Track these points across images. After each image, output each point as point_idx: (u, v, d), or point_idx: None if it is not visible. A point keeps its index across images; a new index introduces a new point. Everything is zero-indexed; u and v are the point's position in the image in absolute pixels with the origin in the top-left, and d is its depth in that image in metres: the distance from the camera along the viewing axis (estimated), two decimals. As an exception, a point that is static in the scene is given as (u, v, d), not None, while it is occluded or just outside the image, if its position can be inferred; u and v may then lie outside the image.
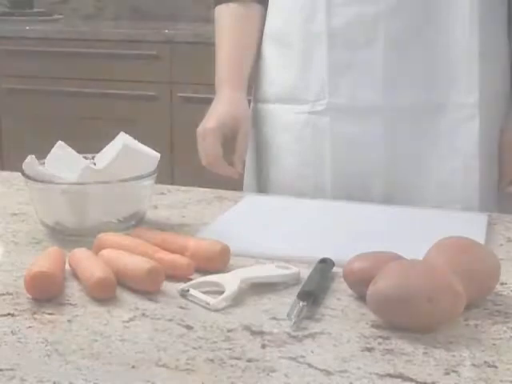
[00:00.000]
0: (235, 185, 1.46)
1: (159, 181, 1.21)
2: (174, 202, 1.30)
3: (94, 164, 1.17)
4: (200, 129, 1.38)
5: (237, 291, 0.91)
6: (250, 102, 1.47)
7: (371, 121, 1.35)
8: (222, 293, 0.91)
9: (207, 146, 1.36)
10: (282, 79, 1.43)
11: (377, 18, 1.32)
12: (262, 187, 1.46)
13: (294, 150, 1.41)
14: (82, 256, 0.97)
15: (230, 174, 1.38)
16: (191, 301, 0.91)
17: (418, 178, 1.36)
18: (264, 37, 1.46)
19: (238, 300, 0.91)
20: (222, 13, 1.49)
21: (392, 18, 1.31)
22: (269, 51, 1.45)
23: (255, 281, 0.95)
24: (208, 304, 0.89)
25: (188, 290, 0.92)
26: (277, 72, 1.44)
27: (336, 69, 1.36)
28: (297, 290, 0.91)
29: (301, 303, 0.87)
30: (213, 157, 1.36)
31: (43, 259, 0.94)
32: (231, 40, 1.46)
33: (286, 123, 1.43)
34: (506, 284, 0.96)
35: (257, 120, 1.47)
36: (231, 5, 1.47)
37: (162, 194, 1.34)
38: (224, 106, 1.39)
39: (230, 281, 0.93)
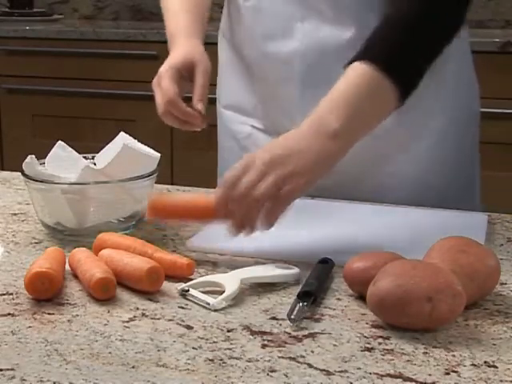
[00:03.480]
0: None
1: (159, 181, 1.21)
2: (174, 202, 1.30)
3: (94, 164, 1.18)
4: (154, 78, 1.27)
5: (237, 291, 0.91)
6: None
7: None
8: (222, 293, 0.91)
9: (162, 88, 1.23)
10: (231, 86, 1.42)
11: (291, 55, 1.29)
12: None
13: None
14: (81, 256, 0.97)
15: (190, 117, 1.22)
16: (191, 301, 0.91)
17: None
18: (219, 35, 1.47)
19: (237, 300, 0.91)
20: None
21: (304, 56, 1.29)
22: (223, 52, 1.45)
23: (255, 281, 0.96)
24: (208, 304, 0.89)
25: (188, 290, 0.92)
26: (228, 77, 1.44)
27: (262, 98, 1.38)
28: (297, 290, 0.91)
29: (301, 303, 0.88)
30: (168, 96, 1.21)
31: (43, 259, 0.94)
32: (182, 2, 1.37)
33: (232, 131, 1.43)
34: (505, 284, 0.96)
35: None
36: None
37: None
38: (177, 50, 1.29)
39: (230, 281, 0.93)
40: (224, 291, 0.91)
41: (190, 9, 1.36)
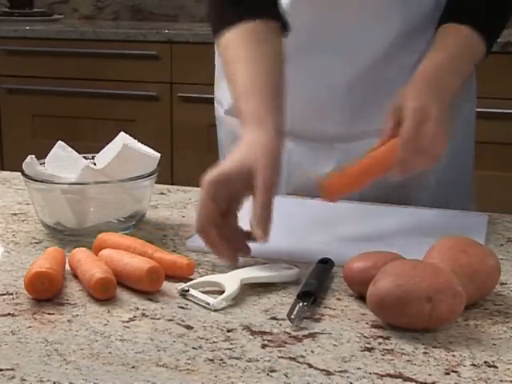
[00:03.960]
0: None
1: (159, 181, 1.21)
2: (174, 202, 1.30)
3: (94, 164, 1.18)
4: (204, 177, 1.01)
5: (237, 291, 0.91)
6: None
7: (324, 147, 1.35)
8: (221, 292, 0.91)
9: (198, 206, 1.00)
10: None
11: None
12: None
13: None
14: (81, 256, 0.97)
15: (222, 255, 1.00)
16: (191, 301, 0.91)
17: None
18: None
19: (238, 300, 0.91)
20: (233, 36, 1.18)
21: None
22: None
23: (255, 281, 0.95)
24: (208, 304, 0.89)
25: (188, 290, 0.92)
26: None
27: None
28: (297, 289, 0.91)
29: (301, 303, 0.88)
30: (200, 221, 0.99)
31: (43, 259, 0.94)
32: (252, 64, 1.13)
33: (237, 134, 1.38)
34: (505, 284, 0.96)
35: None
36: (243, 25, 1.17)
37: (162, 194, 1.34)
38: (238, 151, 1.03)
39: (230, 281, 0.93)
40: (224, 291, 0.91)
41: (264, 76, 1.12)
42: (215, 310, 0.88)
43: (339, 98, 1.31)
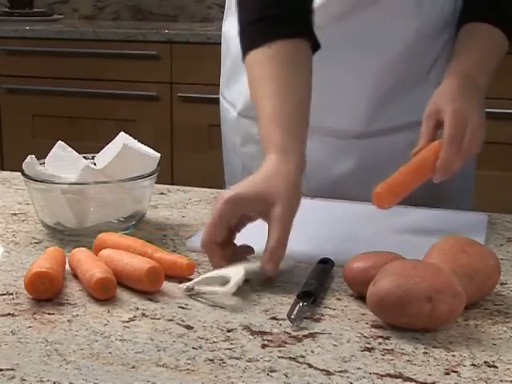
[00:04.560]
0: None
1: (159, 181, 1.21)
2: (174, 202, 1.30)
3: (94, 164, 1.18)
4: (220, 194, 1.01)
5: (243, 277, 0.92)
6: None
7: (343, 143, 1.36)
8: (227, 283, 0.91)
9: (209, 221, 0.99)
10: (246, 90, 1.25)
11: None
12: None
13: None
14: (81, 256, 0.97)
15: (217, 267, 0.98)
16: (198, 298, 0.91)
17: None
18: (225, 34, 1.43)
19: (237, 300, 0.91)
20: (261, 57, 1.15)
21: None
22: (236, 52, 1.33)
23: (258, 269, 0.95)
24: (218, 293, 0.89)
25: (193, 288, 0.92)
26: (242, 80, 1.35)
27: None
28: (297, 290, 0.91)
29: (301, 303, 0.88)
30: (206, 238, 0.98)
31: (43, 259, 0.94)
32: (279, 90, 1.10)
33: (254, 136, 1.37)
34: (505, 284, 0.97)
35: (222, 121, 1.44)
36: (273, 46, 1.14)
37: (162, 194, 1.34)
38: (259, 176, 1.01)
39: (234, 270, 0.93)
40: (229, 281, 0.91)
41: (291, 106, 1.10)
42: (225, 299, 0.89)
43: (363, 95, 1.32)
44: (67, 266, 0.98)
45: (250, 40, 1.18)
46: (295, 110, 1.10)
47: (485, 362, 0.77)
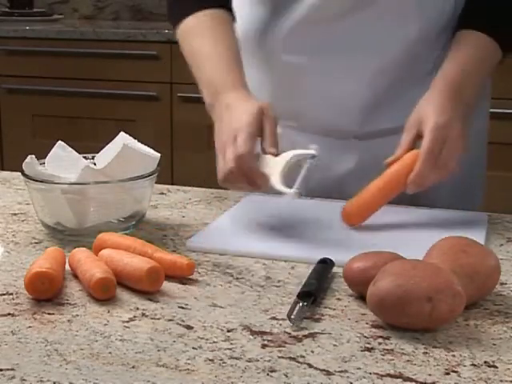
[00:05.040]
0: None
1: (159, 181, 1.21)
2: (174, 202, 1.30)
3: (94, 164, 1.18)
4: (221, 136, 1.16)
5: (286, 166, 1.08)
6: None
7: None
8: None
9: (237, 142, 1.10)
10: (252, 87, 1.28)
11: None
12: None
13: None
14: (81, 256, 0.97)
15: (260, 177, 1.09)
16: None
17: None
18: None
19: (237, 300, 0.91)
20: (192, 24, 1.32)
21: None
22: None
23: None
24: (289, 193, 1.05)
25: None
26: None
27: (287, 95, 1.36)
28: (297, 289, 0.91)
29: (301, 303, 0.88)
30: (243, 151, 1.09)
31: (43, 259, 0.94)
32: (216, 44, 1.26)
33: None
34: (505, 284, 0.97)
35: None
36: (200, 14, 1.30)
37: (162, 194, 1.34)
38: (241, 107, 1.16)
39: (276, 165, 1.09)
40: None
41: (226, 52, 1.25)
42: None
43: (362, 95, 1.32)
44: (67, 266, 0.98)
45: (178, 14, 1.34)
46: (234, 51, 1.26)
47: (485, 362, 0.77)
